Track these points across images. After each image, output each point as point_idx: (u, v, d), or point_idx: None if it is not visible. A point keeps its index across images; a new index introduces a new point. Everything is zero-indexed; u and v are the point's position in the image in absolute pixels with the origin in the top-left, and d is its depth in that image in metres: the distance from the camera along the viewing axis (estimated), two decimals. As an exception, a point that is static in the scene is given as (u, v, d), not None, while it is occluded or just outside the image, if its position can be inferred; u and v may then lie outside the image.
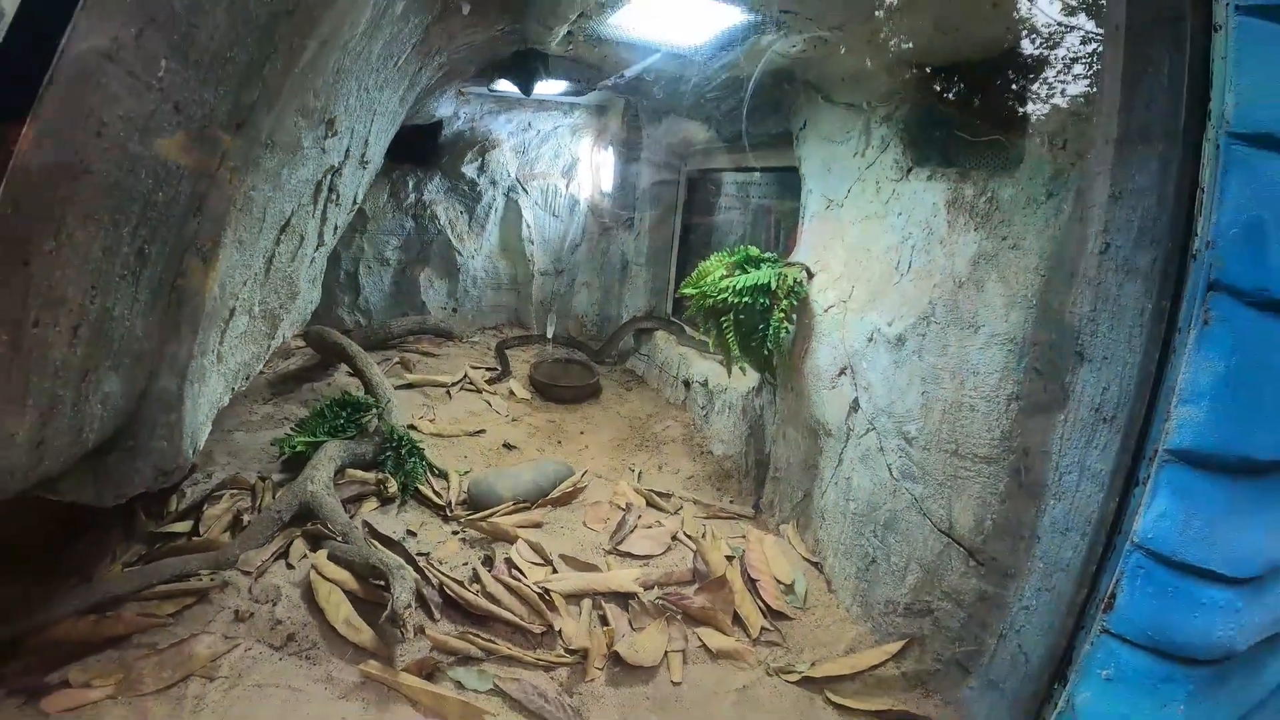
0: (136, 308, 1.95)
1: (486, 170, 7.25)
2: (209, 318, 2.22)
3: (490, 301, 7.67)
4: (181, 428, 2.26)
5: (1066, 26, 2.51)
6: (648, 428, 5.44)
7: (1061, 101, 2.50)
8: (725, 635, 3.09)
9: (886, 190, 3.31)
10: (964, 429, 2.67)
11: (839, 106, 3.77)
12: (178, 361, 2.16)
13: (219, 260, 2.13)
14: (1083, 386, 2.15)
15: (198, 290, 2.10)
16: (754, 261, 3.84)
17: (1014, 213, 2.53)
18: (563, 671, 2.79)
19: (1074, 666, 2.00)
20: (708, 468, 4.80)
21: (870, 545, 3.17)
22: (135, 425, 2.18)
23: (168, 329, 2.11)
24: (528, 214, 7.49)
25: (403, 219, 7.09)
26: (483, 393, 5.72)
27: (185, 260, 2.04)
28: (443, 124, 6.99)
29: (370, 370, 4.72)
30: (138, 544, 3.21)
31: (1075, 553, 2.11)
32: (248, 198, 2.18)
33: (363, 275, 7.02)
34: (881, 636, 3.03)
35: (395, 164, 6.98)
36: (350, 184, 3.45)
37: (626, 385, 6.42)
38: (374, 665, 2.63)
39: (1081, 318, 2.16)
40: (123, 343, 1.94)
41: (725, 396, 4.93)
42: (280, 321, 3.09)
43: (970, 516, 2.63)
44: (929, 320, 2.86)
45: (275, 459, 4.06)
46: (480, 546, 3.51)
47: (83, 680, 2.38)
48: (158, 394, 2.15)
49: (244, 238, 2.27)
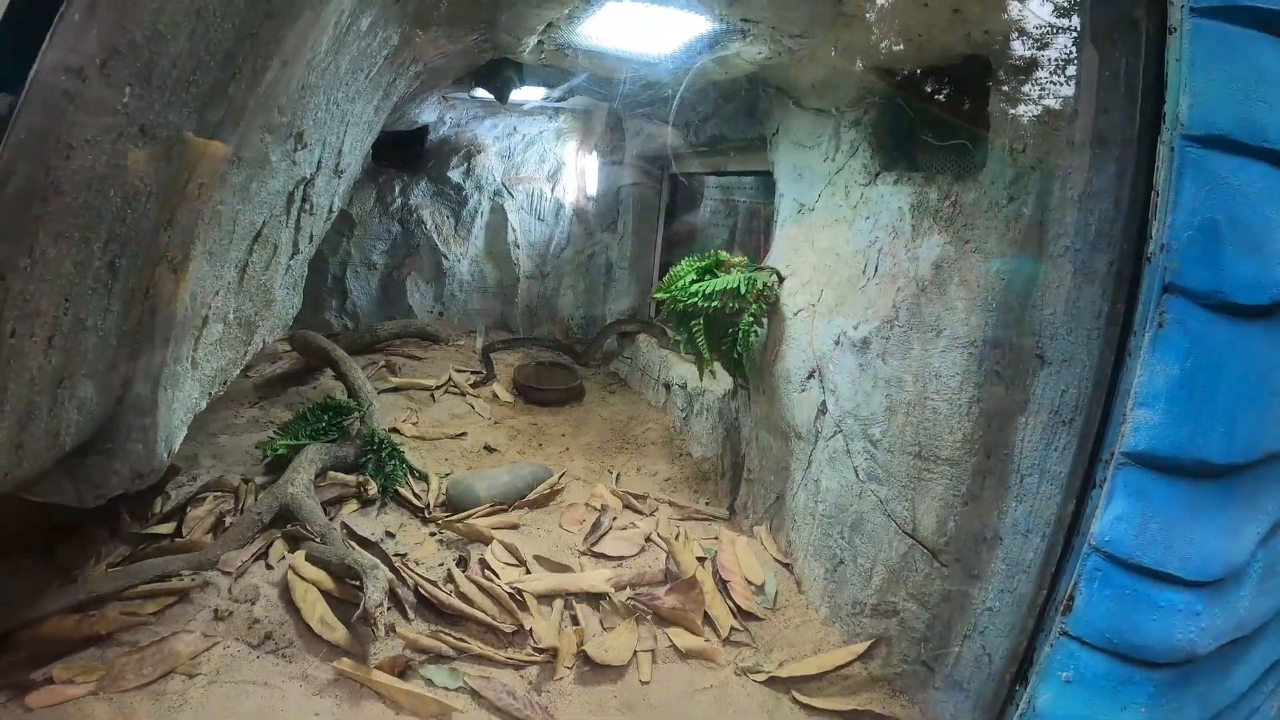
0: (109, 318, 2.02)
1: (472, 175, 7.30)
2: (181, 326, 2.30)
3: (476, 305, 7.70)
4: (156, 431, 2.33)
5: (1027, 33, 2.52)
6: (628, 430, 5.48)
7: (1022, 106, 2.50)
8: (695, 635, 3.13)
9: (855, 194, 3.34)
10: (927, 431, 2.68)
11: (809, 112, 3.80)
12: (151, 369, 2.23)
13: (189, 272, 2.20)
14: (1043, 389, 2.18)
15: (169, 300, 2.18)
16: (723, 265, 3.89)
17: (976, 216, 2.55)
18: (532, 670, 2.85)
19: (1035, 668, 2.00)
20: (686, 470, 4.84)
21: (838, 547, 3.18)
22: (112, 429, 2.25)
23: (141, 338, 2.18)
24: (513, 218, 7.54)
25: (389, 223, 7.15)
26: (466, 395, 5.76)
27: (156, 272, 2.11)
28: (428, 129, 7.02)
29: (353, 374, 4.78)
30: (123, 545, 3.26)
31: (1036, 554, 2.13)
32: (216, 212, 2.25)
33: (350, 279, 7.07)
34: (849, 637, 3.04)
35: (381, 169, 7.06)
36: (325, 193, 3.52)
37: (609, 388, 6.46)
38: (347, 663, 2.68)
39: (1041, 321, 2.19)
40: (96, 351, 2.01)
41: (704, 399, 4.97)
42: (256, 328, 3.16)
43: (933, 518, 2.65)
44: (893, 324, 2.87)
45: (259, 462, 4.10)
46: (457, 548, 3.57)
47: (66, 677, 2.42)
48: (132, 400, 2.22)
49: (214, 249, 2.34)
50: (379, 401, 4.80)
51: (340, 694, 2.62)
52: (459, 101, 6.80)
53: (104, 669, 2.49)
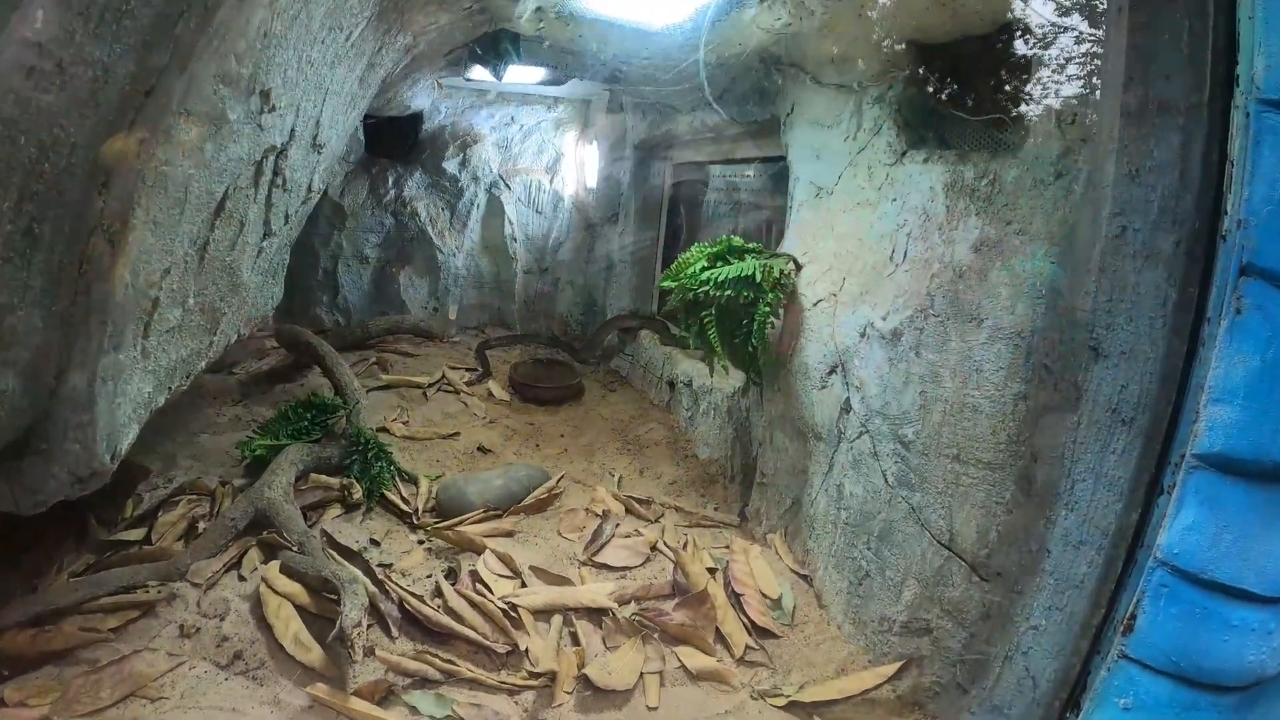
0: (30, 295, 1.75)
1: (468, 166, 7.08)
2: (122, 308, 2.01)
3: (472, 300, 7.49)
4: (95, 429, 2.05)
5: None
6: (630, 430, 5.25)
7: (1069, 76, 2.37)
8: (707, 655, 2.89)
9: (879, 175, 3.14)
10: (966, 432, 2.49)
11: (828, 88, 3.59)
12: (87, 357, 1.96)
13: (129, 243, 1.92)
14: (1098, 385, 2.00)
15: (106, 276, 1.89)
16: (737, 252, 3.63)
17: (1019, 196, 2.37)
18: (528, 695, 2.60)
19: (1088, 693, 1.87)
20: (692, 472, 4.61)
21: (864, 558, 2.98)
22: (46, 427, 1.99)
23: (75, 321, 1.91)
24: (510, 211, 7.33)
25: (382, 216, 6.92)
26: (460, 394, 5.53)
27: (91, 243, 1.83)
28: (422, 117, 6.82)
29: (340, 370, 4.53)
30: (88, 552, 3.06)
31: (1090, 568, 1.98)
32: (161, 173, 1.97)
33: (341, 273, 6.85)
34: (875, 656, 2.85)
35: (374, 159, 6.86)
36: (302, 169, 3.23)
37: (610, 386, 6.23)
38: (322, 688, 2.43)
39: (1096, 309, 2.00)
40: (15, 335, 1.74)
41: (711, 398, 4.76)
42: (222, 315, 2.87)
43: (973, 528, 2.47)
44: (927, 313, 2.67)
45: (239, 463, 3.88)
46: (447, 557, 3.32)
47: (18, 699, 2.24)
48: (67, 393, 1.95)
49: (160, 218, 2.06)
50: (368, 400, 4.58)
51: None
52: (453, 90, 6.64)
53: (59, 690, 2.31)
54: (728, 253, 3.61)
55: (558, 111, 7.19)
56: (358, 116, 3.90)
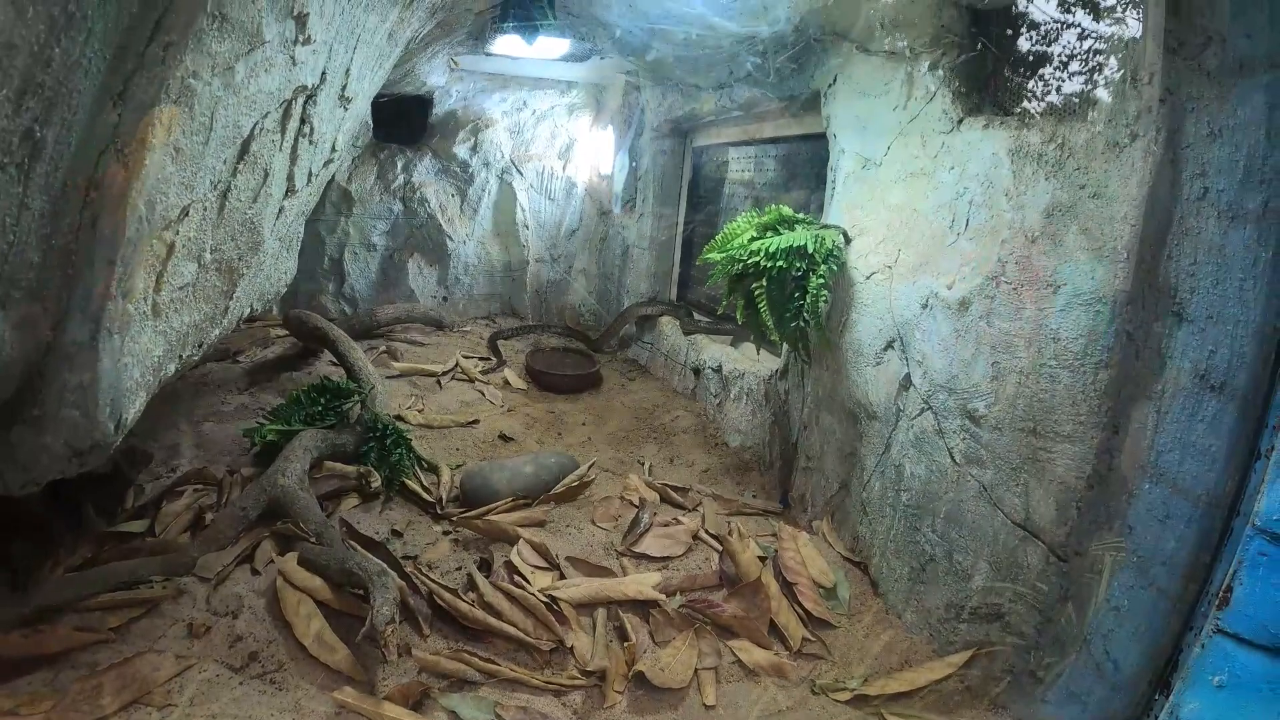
0: (26, 220, 1.49)
1: (479, 151, 6.87)
2: (132, 245, 1.73)
3: (483, 290, 7.28)
4: (96, 392, 1.77)
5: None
6: (655, 418, 5.03)
7: (1143, 33, 2.16)
8: (763, 648, 2.69)
9: (934, 144, 2.99)
10: (1043, 404, 2.35)
11: (876, 57, 3.42)
12: (90, 302, 1.69)
13: (146, 166, 1.65)
14: (1183, 351, 1.97)
15: (116, 205, 1.63)
16: (788, 222, 3.42)
17: (1091, 159, 2.24)
18: (576, 696, 2.38)
19: (1179, 672, 1.81)
20: (724, 460, 4.39)
21: (927, 542, 2.81)
22: (39, 388, 1.72)
23: (77, 259, 1.64)
24: (522, 197, 7.14)
25: (391, 202, 6.69)
26: (475, 382, 5.31)
27: (101, 164, 1.57)
28: (432, 100, 6.61)
29: (353, 355, 4.29)
30: (85, 546, 2.82)
31: (1179, 542, 1.94)
32: (187, 87, 1.70)
33: (348, 261, 6.62)
34: (940, 645, 2.68)
35: (383, 144, 6.63)
36: (328, 120, 2.97)
37: (629, 375, 6.01)
38: (350, 693, 2.21)
39: (1179, 273, 1.98)
40: (6, 263, 1.49)
41: (742, 382, 4.55)
42: (240, 278, 2.61)
43: (1051, 505, 2.32)
44: (999, 281, 2.52)
45: (247, 451, 3.67)
46: (475, 548, 3.09)
47: (8, 707, 2.02)
48: (65, 348, 1.68)
49: (183, 143, 1.79)
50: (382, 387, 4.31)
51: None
52: (466, 74, 6.42)
53: (54, 697, 2.07)
54: (778, 222, 3.39)
55: (571, 96, 6.99)
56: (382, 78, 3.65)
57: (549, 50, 5.22)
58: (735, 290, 3.45)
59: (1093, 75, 2.43)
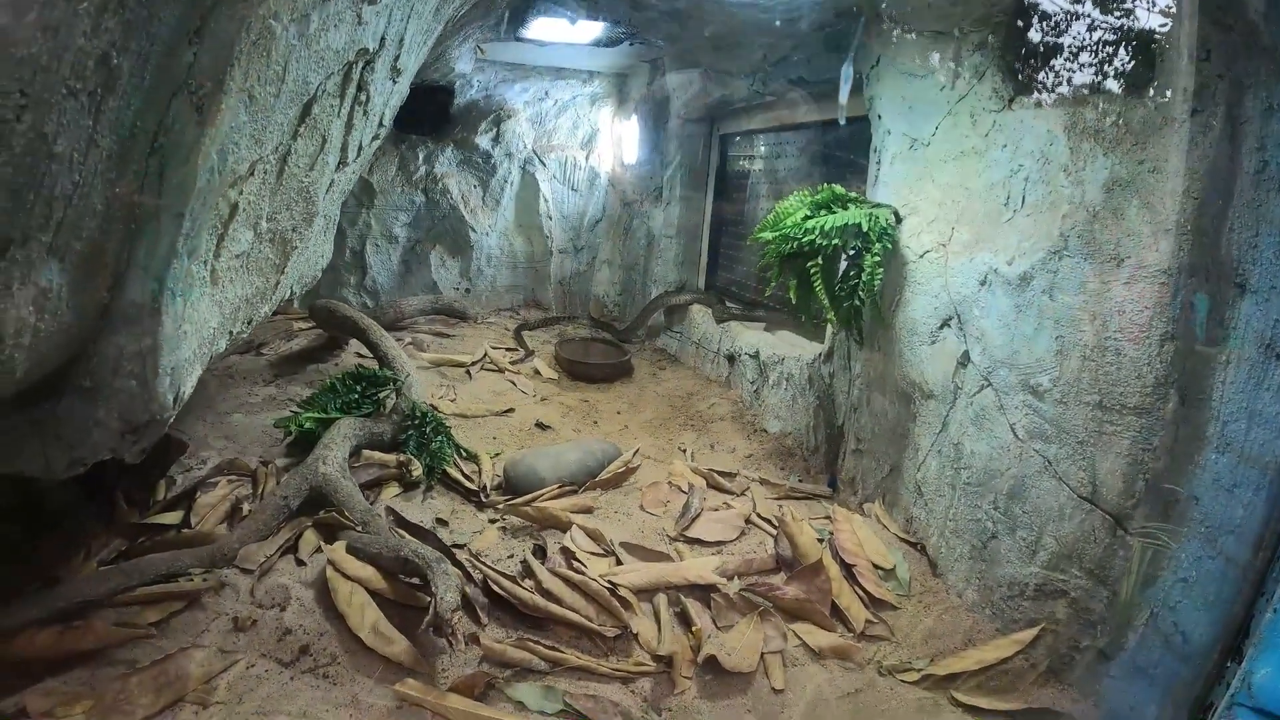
0: (94, 157, 1.37)
1: (501, 141, 6.81)
2: (201, 198, 1.61)
3: (506, 281, 7.22)
4: (157, 360, 1.64)
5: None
6: (690, 406, 4.95)
7: (1199, 9, 2.14)
8: (827, 631, 2.61)
9: (985, 123, 2.95)
10: (1109, 376, 2.33)
11: (922, 37, 3.37)
12: (153, 259, 1.57)
13: (221, 113, 1.54)
14: (1247, 321, 1.98)
15: (188, 155, 1.51)
16: (840, 200, 3.33)
17: (1149, 134, 2.25)
18: (645, 683, 2.28)
19: (1251, 639, 1.76)
20: (765, 446, 4.30)
21: (989, 519, 2.75)
22: (93, 355, 1.60)
23: (142, 211, 1.53)
24: (545, 188, 7.08)
25: (412, 193, 6.63)
26: (505, 372, 5.23)
27: (173, 107, 1.46)
28: (454, 91, 6.54)
29: (385, 343, 4.21)
30: (117, 539, 2.71)
31: (1247, 511, 1.93)
32: (267, 30, 1.59)
33: (370, 253, 6.57)
34: (1004, 624, 2.65)
35: (404, 134, 6.56)
36: (380, 94, 2.86)
37: (659, 364, 5.93)
38: (413, 684, 2.11)
39: (1241, 245, 1.99)
40: (70, 208, 1.37)
41: (782, 368, 4.47)
42: (292, 250, 2.49)
43: (1118, 478, 2.30)
44: (1060, 254, 2.50)
45: (279, 442, 3.58)
46: (525, 536, 3.00)
47: (43, 708, 1.89)
48: (123, 309, 1.56)
49: (257, 92, 1.67)
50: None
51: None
52: (487, 64, 6.34)
53: (93, 698, 1.96)
54: (832, 201, 3.32)
55: (593, 86, 6.93)
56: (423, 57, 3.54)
57: (585, 34, 5.13)
58: (789, 269, 3.36)
59: (1149, 52, 2.37)
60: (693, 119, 6.23)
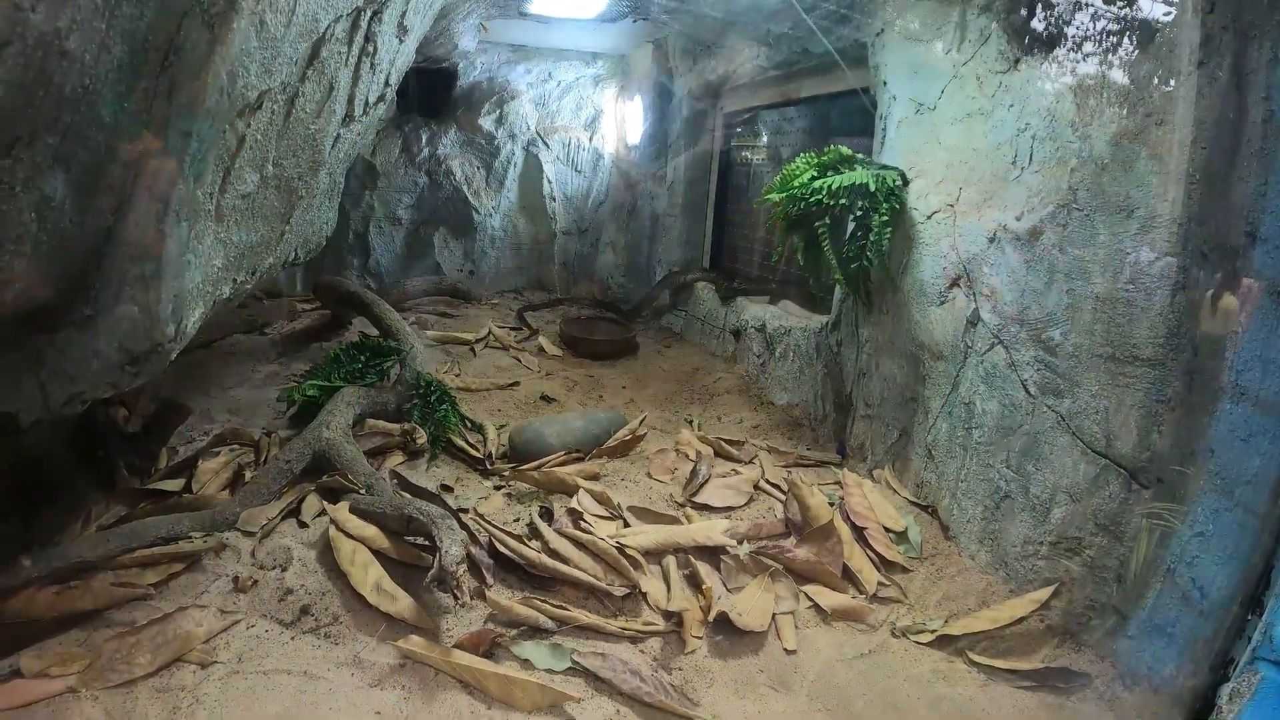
0: (105, 62, 1.32)
1: (505, 123, 6.75)
2: (209, 119, 1.56)
3: (509, 263, 7.17)
4: (160, 286, 1.59)
5: None
6: (696, 380, 4.93)
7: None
8: (838, 592, 2.57)
9: (991, 84, 2.93)
10: (1121, 329, 2.31)
11: (927, 2, 3.36)
12: (160, 181, 1.52)
13: (232, 32, 1.50)
14: (1258, 269, 1.95)
15: (197, 73, 1.47)
16: (847, 161, 3.30)
17: (1154, 87, 2.24)
18: (654, 642, 2.25)
19: (1272, 590, 1.74)
20: (772, 417, 4.28)
21: (1001, 478, 2.73)
22: (93, 281, 1.54)
23: (151, 128, 1.48)
24: (549, 169, 7.01)
25: (415, 175, 6.58)
26: (509, 349, 5.20)
27: (184, 26, 1.41)
28: (456, 72, 6.51)
29: (389, 316, 4.18)
30: (118, 505, 2.69)
31: (1264, 459, 1.90)
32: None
33: (373, 235, 6.53)
34: (1018, 584, 2.61)
35: (407, 115, 6.53)
36: (386, 49, 2.80)
37: (664, 342, 5.91)
38: (417, 641, 2.08)
39: (1250, 194, 1.97)
40: (75, 116, 1.32)
41: (788, 339, 4.44)
42: (298, 200, 2.44)
43: (1133, 430, 2.28)
44: (1069, 208, 2.49)
45: (281, 415, 3.58)
46: (530, 501, 2.96)
47: (39, 668, 1.89)
48: (127, 233, 1.50)
49: (268, 18, 1.61)
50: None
51: (408, 683, 2.00)
52: (489, 45, 6.33)
53: (89, 657, 1.95)
54: (839, 161, 3.28)
55: (596, 67, 6.89)
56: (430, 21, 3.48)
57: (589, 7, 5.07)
58: (797, 231, 3.33)
59: (1154, 4, 2.33)
60: (695, 97, 6.16)
